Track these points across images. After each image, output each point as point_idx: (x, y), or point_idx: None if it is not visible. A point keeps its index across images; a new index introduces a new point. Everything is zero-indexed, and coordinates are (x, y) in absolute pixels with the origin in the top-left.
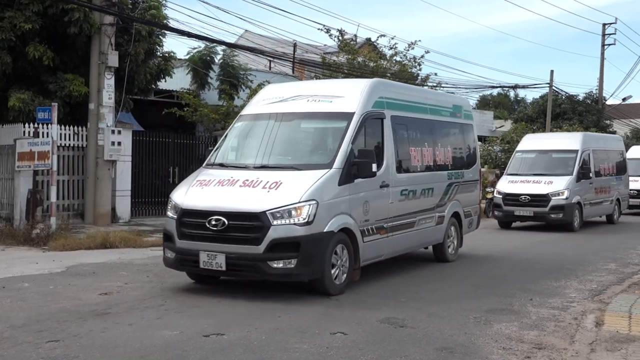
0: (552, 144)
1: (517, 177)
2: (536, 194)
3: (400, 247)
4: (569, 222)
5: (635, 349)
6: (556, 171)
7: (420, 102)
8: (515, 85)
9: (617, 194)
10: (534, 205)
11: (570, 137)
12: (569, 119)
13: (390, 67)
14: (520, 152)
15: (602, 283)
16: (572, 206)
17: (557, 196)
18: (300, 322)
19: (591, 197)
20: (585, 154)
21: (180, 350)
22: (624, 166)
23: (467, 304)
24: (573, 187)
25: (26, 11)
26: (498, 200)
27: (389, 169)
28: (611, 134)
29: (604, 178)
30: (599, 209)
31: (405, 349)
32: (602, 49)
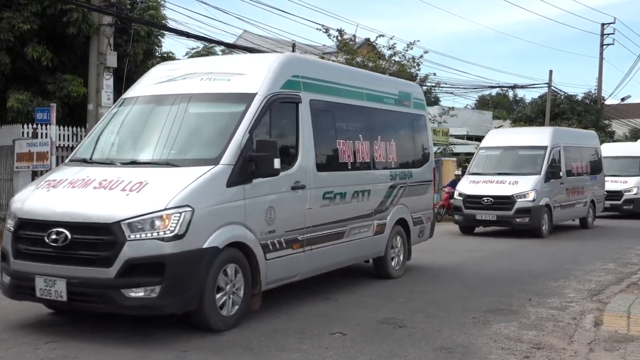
0: (518, 139)
1: (480, 176)
2: (500, 196)
3: (324, 263)
4: (537, 228)
5: (634, 349)
6: (523, 170)
7: (353, 86)
8: (514, 85)
9: (591, 195)
10: (497, 209)
11: (539, 132)
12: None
13: (389, 67)
14: (483, 149)
15: (600, 283)
16: (540, 209)
17: (523, 198)
18: (299, 323)
19: (562, 199)
20: (555, 150)
21: (179, 351)
22: (599, 165)
23: (465, 304)
24: (541, 187)
25: (25, 12)
26: (458, 202)
27: (306, 165)
28: (585, 130)
29: (576, 178)
30: (571, 212)
31: (405, 349)
32: (601, 49)
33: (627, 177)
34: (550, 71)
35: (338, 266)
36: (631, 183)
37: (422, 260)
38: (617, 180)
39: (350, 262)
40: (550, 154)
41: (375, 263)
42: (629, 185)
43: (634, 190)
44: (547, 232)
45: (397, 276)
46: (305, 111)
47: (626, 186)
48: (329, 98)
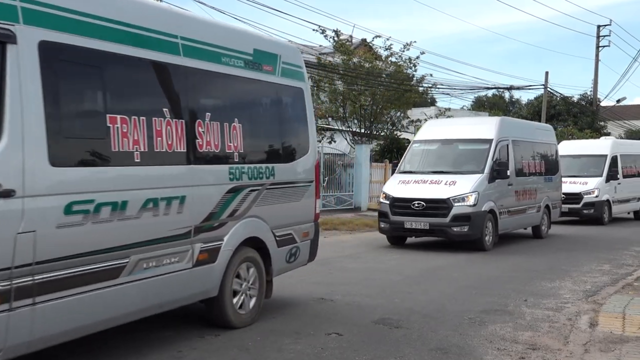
0: (459, 131)
1: (411, 175)
2: (433, 199)
3: (67, 324)
4: (478, 239)
5: (629, 350)
6: (463, 168)
7: (148, 29)
8: (510, 87)
9: (546, 200)
10: (430, 215)
11: (483, 122)
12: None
13: (385, 68)
14: (418, 143)
15: (596, 284)
16: (482, 216)
17: (462, 202)
18: (294, 323)
19: (511, 204)
20: (502, 145)
21: (175, 351)
22: (555, 164)
23: (461, 304)
24: (484, 189)
25: None
26: (384, 207)
27: (16, 156)
28: (539, 123)
29: (528, 178)
30: (521, 219)
31: (400, 350)
32: (597, 50)
33: (587, 178)
34: (546, 72)
35: (110, 324)
36: (592, 184)
37: (415, 261)
38: (576, 182)
39: (133, 316)
40: (495, 149)
41: (207, 306)
42: (589, 187)
43: (595, 192)
44: (490, 245)
45: (243, 324)
46: (28, 59)
47: (586, 188)
48: (88, 42)
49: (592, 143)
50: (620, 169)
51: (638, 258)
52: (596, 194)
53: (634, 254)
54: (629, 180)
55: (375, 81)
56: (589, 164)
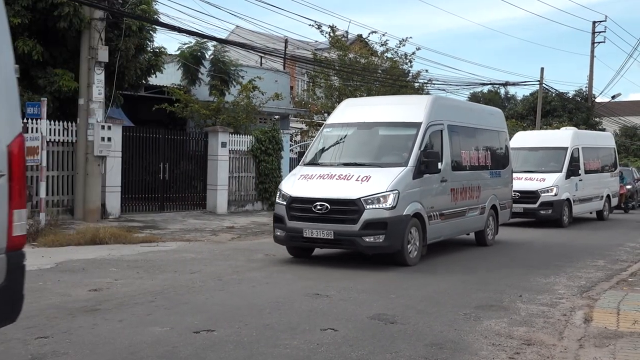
0: (381, 113)
1: (317, 168)
2: (340, 200)
3: None
4: (398, 251)
5: (623, 345)
6: (382, 159)
7: None
8: (505, 83)
9: (492, 199)
10: (335, 220)
11: (412, 102)
12: (559, 117)
13: (381, 64)
14: (330, 127)
15: (590, 280)
16: (404, 222)
17: (377, 204)
18: (290, 319)
19: (444, 205)
20: (434, 130)
21: (170, 347)
22: (505, 155)
23: (456, 300)
24: (407, 187)
25: (15, 5)
26: (280, 209)
27: None
28: (486, 105)
29: (469, 173)
30: (459, 224)
31: (396, 345)
32: (592, 46)
33: (545, 174)
34: (542, 69)
35: None
36: (550, 181)
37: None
38: (532, 178)
39: None
40: (425, 135)
41: None
42: (547, 183)
43: (553, 190)
44: (416, 258)
45: None
46: None
47: (544, 185)
48: None
49: (550, 134)
50: (582, 163)
51: (632, 254)
52: (555, 192)
53: (629, 250)
54: (591, 176)
55: (371, 77)
56: (547, 157)
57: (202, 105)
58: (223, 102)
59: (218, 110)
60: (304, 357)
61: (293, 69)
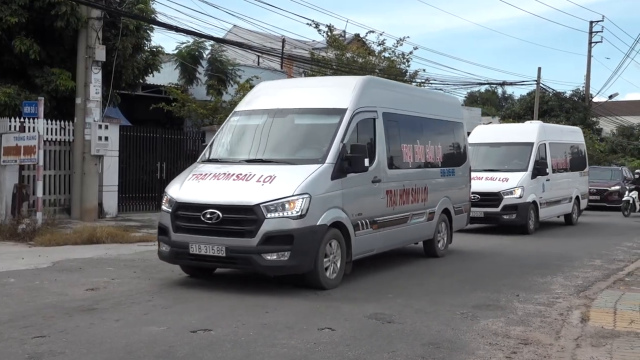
0: (299, 97)
1: (214, 166)
2: (233, 206)
3: None
4: (310, 271)
5: (620, 345)
6: (295, 154)
7: None
8: (503, 82)
9: (444, 202)
10: (228, 233)
11: (338, 85)
12: (556, 116)
13: (378, 63)
14: (238, 115)
15: (587, 279)
16: (318, 234)
17: (281, 211)
18: (287, 318)
19: (378, 211)
20: (363, 119)
21: (167, 346)
22: (462, 151)
23: (454, 299)
24: (322, 189)
25: (12, 4)
26: (165, 218)
27: None
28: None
29: (412, 171)
30: (400, 234)
31: (393, 345)
32: (589, 46)
33: (508, 173)
34: (539, 68)
35: None
36: (514, 181)
37: (410, 256)
38: (494, 177)
39: None
40: (348, 126)
41: None
42: (510, 184)
43: (517, 191)
44: (336, 280)
45: None
46: None
47: (507, 186)
48: None
49: (514, 128)
50: (550, 161)
51: (629, 253)
52: (519, 193)
53: (625, 249)
54: (560, 175)
55: None
56: (511, 154)
57: (200, 104)
58: (220, 101)
59: (215, 109)
60: (301, 357)
61: (290, 68)
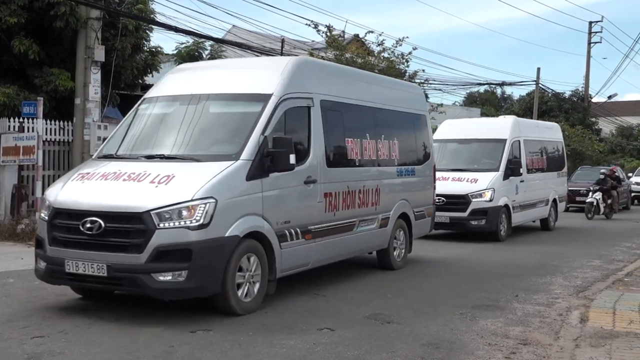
0: (214, 81)
1: (105, 164)
2: (118, 213)
3: None
4: (218, 294)
5: (619, 345)
6: (205, 150)
7: None
8: (502, 83)
9: (402, 205)
10: (111, 247)
11: (262, 66)
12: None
13: (378, 64)
14: (146, 103)
15: (586, 279)
16: (224, 248)
17: (175, 220)
18: (287, 318)
19: (312, 217)
20: (290, 108)
21: (166, 346)
22: (424, 149)
23: (453, 300)
24: (233, 192)
25: (11, 4)
26: (42, 229)
27: None
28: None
29: (359, 170)
30: (343, 244)
31: (392, 345)
32: (589, 46)
33: (478, 173)
34: (538, 69)
35: None
36: (484, 182)
37: (412, 256)
38: (461, 178)
39: None
40: (272, 115)
41: None
42: (480, 185)
43: (487, 194)
44: (252, 303)
45: None
46: None
47: (476, 187)
48: None
49: (485, 123)
50: (525, 160)
51: (628, 254)
52: (490, 196)
53: (625, 250)
54: (536, 176)
55: None
56: (481, 152)
57: None
58: None
59: None
60: (301, 357)
61: None
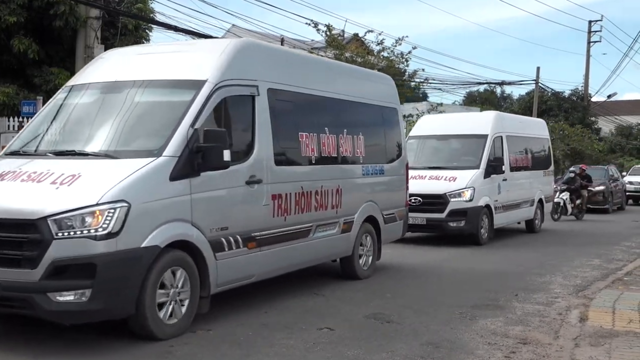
0: (141, 67)
1: (9, 161)
2: (8, 221)
3: None
4: (133, 316)
5: (619, 344)
6: (125, 146)
7: None
8: (501, 82)
9: (368, 208)
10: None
11: (199, 49)
12: (555, 116)
13: (377, 63)
14: (65, 92)
15: (586, 279)
16: (140, 259)
17: (78, 228)
18: (286, 318)
19: (256, 222)
20: (227, 97)
21: (166, 346)
22: (395, 145)
23: (452, 299)
24: (149, 195)
25: (11, 4)
26: None
27: None
28: (362, 68)
29: (316, 169)
30: (296, 252)
31: (392, 344)
32: (588, 46)
33: (457, 171)
34: (538, 68)
35: None
36: (463, 181)
37: (408, 257)
38: (439, 176)
39: None
40: (204, 105)
41: None
42: (459, 184)
43: (467, 193)
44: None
45: None
46: None
47: (455, 186)
48: None
49: (465, 118)
50: (508, 157)
51: (628, 253)
52: (469, 195)
53: (624, 249)
54: (520, 174)
55: None
56: (461, 149)
57: None
58: None
59: None
60: (300, 357)
61: None
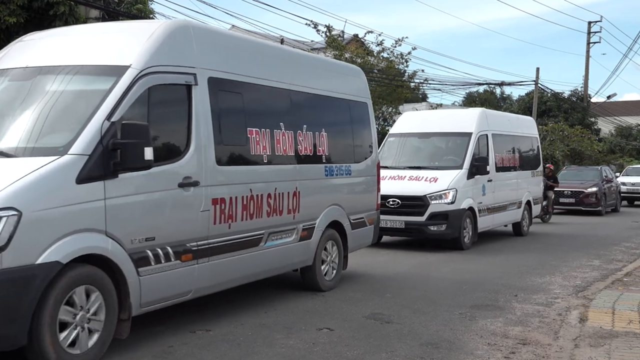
0: (59, 52)
1: None
2: None
3: None
4: (27, 346)
5: (618, 345)
6: (30, 142)
7: None
8: (501, 83)
9: (332, 212)
10: None
11: (124, 30)
12: (555, 117)
13: (377, 64)
14: None
15: (586, 279)
16: (33, 279)
17: None
18: (286, 318)
19: (191, 231)
20: (153, 86)
21: (166, 346)
22: (365, 143)
23: (452, 299)
24: (53, 199)
25: (10, 4)
26: None
27: None
28: (327, 58)
29: (266, 170)
30: (242, 264)
31: (391, 345)
32: (588, 46)
33: (438, 171)
34: (537, 68)
35: None
36: (445, 181)
37: (408, 257)
38: (419, 177)
39: None
40: (124, 95)
41: None
42: (440, 185)
43: (449, 195)
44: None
45: None
46: None
47: (436, 188)
48: None
49: (448, 115)
50: (493, 156)
51: (628, 253)
52: (452, 197)
53: (624, 250)
54: (506, 175)
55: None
56: (443, 147)
57: None
58: None
59: None
60: (300, 357)
61: None
